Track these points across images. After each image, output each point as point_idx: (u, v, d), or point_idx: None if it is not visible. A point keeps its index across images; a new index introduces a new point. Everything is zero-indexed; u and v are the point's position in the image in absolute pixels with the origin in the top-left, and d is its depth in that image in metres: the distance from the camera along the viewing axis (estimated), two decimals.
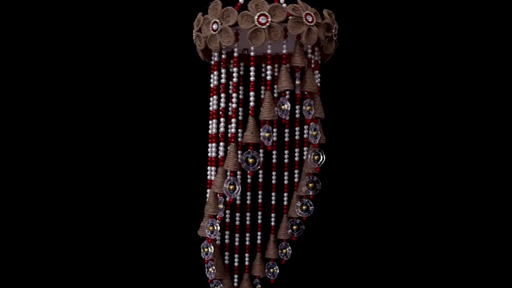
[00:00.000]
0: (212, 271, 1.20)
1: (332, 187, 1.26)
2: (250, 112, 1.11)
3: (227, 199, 1.17)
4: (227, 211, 1.27)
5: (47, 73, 1.52)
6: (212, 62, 1.18)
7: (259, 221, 1.29)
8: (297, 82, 1.11)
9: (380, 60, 1.49)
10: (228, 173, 1.13)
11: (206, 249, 1.17)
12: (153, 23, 1.52)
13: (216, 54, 1.16)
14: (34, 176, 1.53)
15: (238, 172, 1.24)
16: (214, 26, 1.09)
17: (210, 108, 1.19)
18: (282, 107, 1.10)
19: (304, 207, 1.21)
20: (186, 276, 1.49)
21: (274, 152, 1.27)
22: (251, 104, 1.11)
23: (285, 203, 1.26)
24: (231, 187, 1.11)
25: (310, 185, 1.19)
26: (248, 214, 1.29)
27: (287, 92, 1.12)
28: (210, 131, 1.19)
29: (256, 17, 1.06)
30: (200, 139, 1.28)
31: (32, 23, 1.52)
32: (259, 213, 1.29)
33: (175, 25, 1.46)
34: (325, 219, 1.32)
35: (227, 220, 1.27)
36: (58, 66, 1.53)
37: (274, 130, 1.18)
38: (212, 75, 1.18)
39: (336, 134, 1.30)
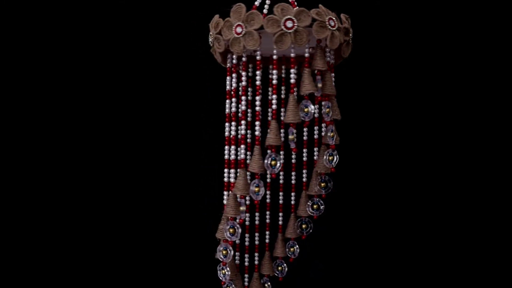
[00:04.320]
0: (227, 273, 1.20)
1: (340, 187, 1.27)
2: (272, 115, 1.13)
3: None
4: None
5: (71, 77, 1.54)
6: (228, 65, 1.19)
7: (267, 220, 1.31)
8: (319, 85, 1.13)
9: (391, 61, 1.51)
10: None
11: (224, 252, 1.17)
12: (165, 26, 1.53)
13: (234, 57, 1.17)
14: (52, 179, 1.53)
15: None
16: (238, 29, 1.10)
17: (227, 110, 1.20)
18: (305, 109, 1.12)
19: (315, 206, 1.24)
20: (195, 278, 1.52)
21: (281, 152, 1.26)
22: (274, 107, 1.13)
23: (292, 202, 1.28)
24: (256, 189, 1.12)
25: (322, 184, 1.22)
26: (256, 214, 1.30)
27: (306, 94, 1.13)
28: (226, 134, 1.20)
29: (282, 21, 1.08)
30: (212, 142, 1.29)
31: (34, 24, 1.52)
32: (267, 212, 1.31)
33: (186, 28, 1.49)
34: (333, 217, 1.34)
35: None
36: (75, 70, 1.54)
37: (282, 130, 1.18)
38: (228, 78, 1.19)
39: (346, 135, 1.31)
